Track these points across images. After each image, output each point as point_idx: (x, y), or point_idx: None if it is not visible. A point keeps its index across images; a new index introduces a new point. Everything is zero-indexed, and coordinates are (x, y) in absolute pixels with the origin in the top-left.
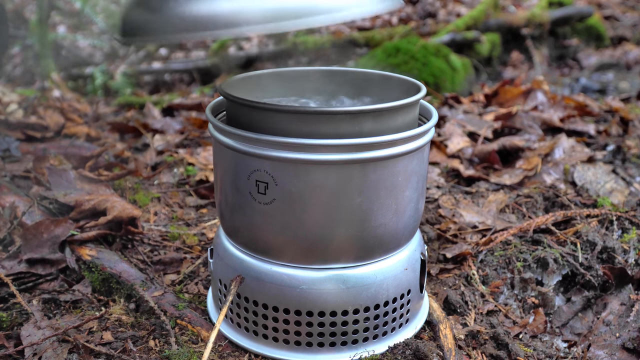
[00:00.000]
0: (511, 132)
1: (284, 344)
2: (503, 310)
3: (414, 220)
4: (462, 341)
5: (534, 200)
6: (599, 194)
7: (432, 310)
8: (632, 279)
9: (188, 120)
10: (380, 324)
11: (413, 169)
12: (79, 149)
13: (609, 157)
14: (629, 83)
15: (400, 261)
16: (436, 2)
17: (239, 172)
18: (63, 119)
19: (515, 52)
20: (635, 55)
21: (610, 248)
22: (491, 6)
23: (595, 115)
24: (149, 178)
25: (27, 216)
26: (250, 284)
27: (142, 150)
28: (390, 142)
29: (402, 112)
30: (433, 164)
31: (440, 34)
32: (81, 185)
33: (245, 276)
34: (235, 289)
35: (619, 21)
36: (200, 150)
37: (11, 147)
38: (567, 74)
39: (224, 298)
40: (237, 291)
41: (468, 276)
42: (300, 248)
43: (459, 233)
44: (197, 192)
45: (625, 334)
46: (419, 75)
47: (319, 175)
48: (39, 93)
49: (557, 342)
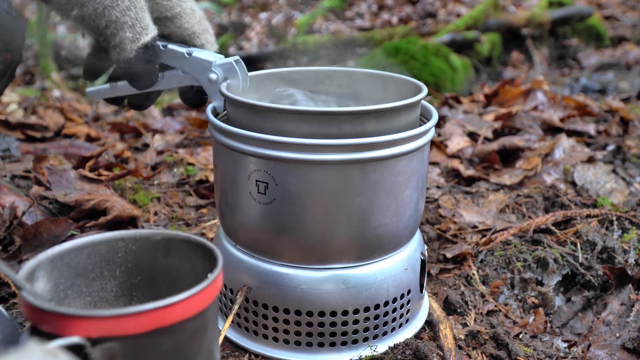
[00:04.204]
0: (511, 132)
1: (284, 344)
2: (503, 310)
3: (414, 220)
4: (462, 341)
5: (534, 200)
6: (599, 194)
7: (432, 310)
8: (632, 279)
9: (188, 120)
10: (381, 324)
11: (413, 169)
12: (79, 149)
13: (609, 157)
14: (629, 83)
15: (400, 261)
16: (436, 2)
17: (239, 172)
18: (63, 119)
19: (516, 52)
20: (635, 55)
21: (610, 248)
22: (491, 6)
23: (595, 115)
24: (149, 178)
25: (27, 216)
26: (250, 284)
27: (142, 150)
28: (390, 142)
29: (404, 112)
30: (433, 164)
31: (440, 34)
32: (81, 185)
33: (245, 276)
34: (241, 298)
35: (619, 21)
36: (200, 150)
37: (11, 147)
38: (567, 74)
39: (224, 298)
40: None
41: (468, 276)
42: (300, 248)
43: (459, 233)
44: (197, 192)
45: (625, 334)
46: (419, 75)
47: (319, 176)
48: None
49: (557, 342)
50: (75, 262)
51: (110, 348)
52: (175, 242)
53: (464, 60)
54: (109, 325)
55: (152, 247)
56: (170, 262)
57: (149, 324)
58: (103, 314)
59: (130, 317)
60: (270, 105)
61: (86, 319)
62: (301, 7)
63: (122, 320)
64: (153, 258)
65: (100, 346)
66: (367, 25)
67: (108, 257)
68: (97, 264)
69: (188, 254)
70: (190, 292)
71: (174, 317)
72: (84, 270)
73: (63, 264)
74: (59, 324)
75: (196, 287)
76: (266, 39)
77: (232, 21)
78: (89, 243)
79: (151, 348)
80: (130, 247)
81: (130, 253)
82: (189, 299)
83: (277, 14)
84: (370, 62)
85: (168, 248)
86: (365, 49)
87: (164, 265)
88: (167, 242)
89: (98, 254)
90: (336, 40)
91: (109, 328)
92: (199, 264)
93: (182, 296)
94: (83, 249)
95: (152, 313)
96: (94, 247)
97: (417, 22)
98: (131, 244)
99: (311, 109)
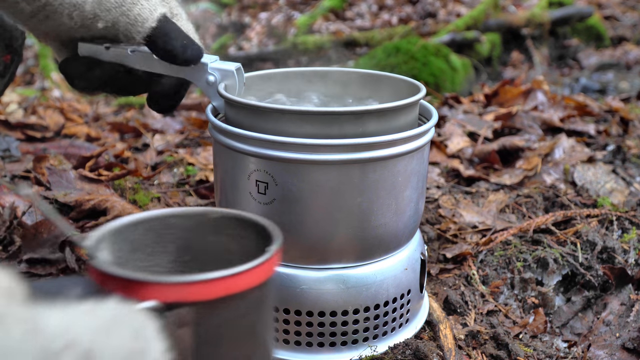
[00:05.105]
0: (511, 132)
1: (284, 344)
2: (503, 310)
3: (414, 220)
4: (462, 341)
5: (534, 200)
6: (599, 194)
7: (432, 310)
8: (632, 279)
9: (188, 120)
10: (380, 324)
11: (413, 168)
12: (79, 149)
13: (609, 157)
14: (629, 83)
15: (400, 261)
16: (436, 2)
17: (239, 172)
18: (63, 119)
19: (516, 52)
20: (635, 55)
21: (610, 248)
22: (491, 6)
23: (595, 115)
24: (149, 178)
25: (27, 216)
26: None
27: (142, 150)
28: (390, 142)
29: (405, 111)
30: (433, 164)
31: (440, 34)
32: (81, 185)
33: None
34: None
35: (619, 21)
36: (200, 150)
37: (11, 147)
38: (567, 74)
39: None
40: None
41: (468, 276)
42: (300, 248)
43: (459, 233)
44: (197, 192)
45: (625, 334)
46: (418, 75)
47: (319, 176)
48: (39, 93)
49: (557, 342)
50: (132, 237)
51: (182, 313)
52: (226, 220)
53: (464, 60)
54: (182, 291)
55: (203, 224)
56: (220, 240)
57: (218, 291)
58: (178, 280)
59: (202, 284)
60: (273, 106)
61: (161, 285)
62: (301, 7)
63: (194, 286)
64: (204, 235)
65: (174, 311)
66: (367, 25)
67: (161, 234)
68: (152, 240)
69: (239, 231)
70: (255, 263)
71: (240, 285)
72: (140, 245)
73: (122, 239)
74: (134, 290)
75: (260, 258)
76: (266, 39)
77: (232, 21)
78: (144, 219)
79: (217, 315)
80: (183, 223)
81: (183, 230)
82: (254, 269)
83: (277, 14)
84: (370, 62)
85: (219, 226)
86: (366, 48)
87: (213, 242)
88: (219, 220)
89: (152, 230)
90: (336, 40)
91: (182, 293)
92: (249, 242)
93: (248, 265)
94: (139, 225)
95: (222, 280)
96: (148, 223)
97: (417, 22)
98: (184, 220)
99: (314, 109)
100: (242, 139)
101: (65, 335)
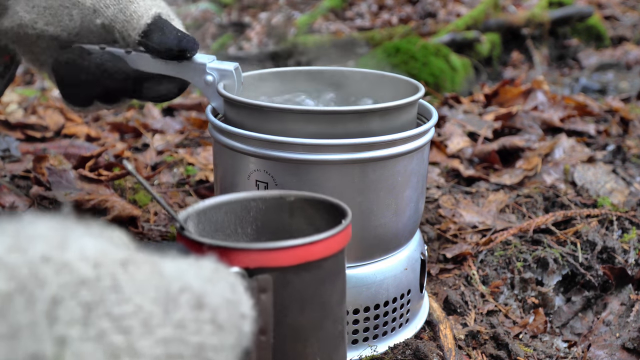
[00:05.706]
0: (511, 132)
1: None
2: (503, 310)
3: (414, 220)
4: (462, 341)
5: (534, 200)
6: (599, 194)
7: (432, 310)
8: (632, 279)
9: (188, 120)
10: (380, 324)
11: (413, 168)
12: (78, 149)
13: (609, 157)
14: (629, 83)
15: (400, 261)
16: (436, 2)
17: (239, 172)
18: (63, 119)
19: (516, 52)
20: (635, 55)
21: (610, 248)
22: (491, 6)
23: (596, 115)
24: (149, 178)
25: None
26: None
27: (142, 150)
28: (390, 142)
29: (406, 110)
30: (433, 164)
31: (440, 34)
32: (81, 185)
33: None
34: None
35: (619, 21)
36: (200, 150)
37: (11, 147)
38: (567, 74)
39: None
40: None
41: (468, 276)
42: None
43: (459, 233)
44: (197, 192)
45: (625, 334)
46: (418, 75)
47: (319, 175)
48: (39, 93)
49: (557, 342)
50: (215, 219)
51: (264, 279)
52: (300, 202)
53: (464, 60)
54: (265, 257)
55: (279, 206)
56: (294, 222)
57: (297, 258)
58: (261, 247)
59: (282, 250)
60: (276, 105)
61: (246, 251)
62: (301, 7)
63: (275, 253)
64: (280, 218)
65: (256, 277)
66: (367, 25)
67: (241, 216)
68: (232, 221)
69: (310, 211)
70: (330, 233)
71: (316, 254)
72: (222, 226)
73: (206, 219)
74: (221, 257)
75: (334, 229)
76: (266, 39)
77: (232, 21)
78: (226, 202)
79: (296, 281)
80: (261, 206)
81: (260, 212)
82: (329, 239)
83: (277, 14)
84: (370, 62)
85: (293, 208)
86: (366, 48)
87: (288, 225)
88: (293, 202)
89: (233, 212)
90: (336, 40)
91: (264, 260)
92: (321, 221)
93: (324, 235)
94: (221, 207)
95: (300, 248)
96: (229, 205)
97: (417, 22)
98: (261, 203)
99: (317, 109)
100: (242, 139)
101: (180, 279)
